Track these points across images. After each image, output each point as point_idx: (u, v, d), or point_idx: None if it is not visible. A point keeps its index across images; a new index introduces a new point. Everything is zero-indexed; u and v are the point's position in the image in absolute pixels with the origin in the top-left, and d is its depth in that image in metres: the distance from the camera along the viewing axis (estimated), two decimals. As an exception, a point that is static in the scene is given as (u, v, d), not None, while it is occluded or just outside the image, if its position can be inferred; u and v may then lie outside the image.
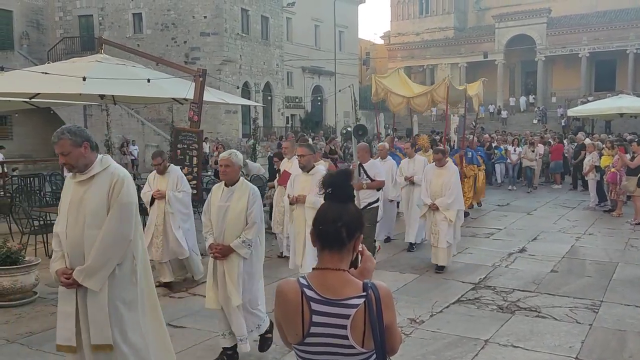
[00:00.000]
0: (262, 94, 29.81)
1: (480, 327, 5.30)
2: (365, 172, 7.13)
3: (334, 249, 1.82)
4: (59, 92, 8.13)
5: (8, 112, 20.63)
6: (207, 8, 26.64)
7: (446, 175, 7.26)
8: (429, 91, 10.96)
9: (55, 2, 28.67)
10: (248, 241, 4.42)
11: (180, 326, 5.37)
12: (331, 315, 1.77)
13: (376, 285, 1.82)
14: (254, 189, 4.52)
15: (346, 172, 1.91)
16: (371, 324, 1.76)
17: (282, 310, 1.86)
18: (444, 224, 7.17)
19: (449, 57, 45.81)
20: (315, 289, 1.80)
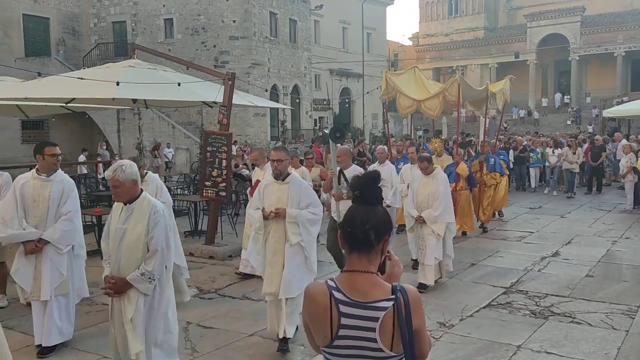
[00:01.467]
0: (290, 97, 29.95)
1: (513, 332, 5.20)
2: (346, 179, 6.33)
3: (362, 251, 1.81)
4: (94, 96, 8.31)
5: (45, 117, 21.23)
6: (236, 12, 26.93)
7: (433, 184, 6.53)
8: (440, 92, 9.96)
9: (90, 9, 29.42)
10: (148, 274, 3.60)
11: (210, 327, 5.43)
12: (360, 318, 1.75)
13: (405, 288, 1.80)
14: (156, 208, 3.67)
15: (374, 174, 1.90)
16: (400, 327, 1.74)
17: (310, 312, 1.85)
18: (431, 239, 6.46)
19: (479, 57, 45.20)
20: (343, 291, 1.78)
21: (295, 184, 4.84)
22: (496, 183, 10.76)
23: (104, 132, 24.98)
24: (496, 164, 10.80)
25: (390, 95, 10.50)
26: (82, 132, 25.27)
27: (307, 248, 4.79)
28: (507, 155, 12.83)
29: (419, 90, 10.54)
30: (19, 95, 8.06)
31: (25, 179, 4.89)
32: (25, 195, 4.79)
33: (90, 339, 5.16)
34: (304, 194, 4.82)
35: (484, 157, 10.63)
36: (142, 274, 3.58)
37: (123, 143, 23.99)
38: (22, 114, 10.51)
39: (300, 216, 4.74)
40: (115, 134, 24.39)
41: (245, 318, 5.66)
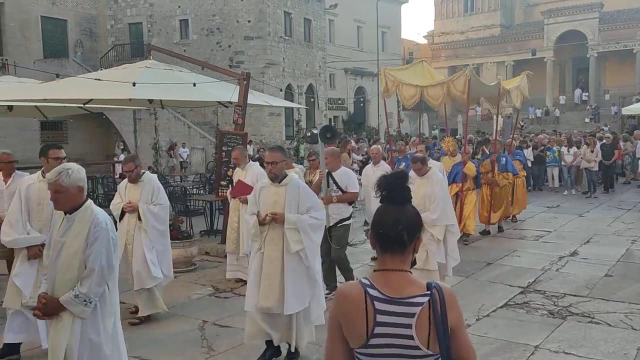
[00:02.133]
0: (305, 96, 29.98)
1: (530, 332, 5.15)
2: (335, 182, 6.07)
3: (396, 252, 1.81)
4: (111, 97, 8.42)
5: (64, 118, 21.53)
6: (251, 12, 27.03)
7: (428, 185, 6.08)
8: (446, 82, 9.33)
9: (107, 11, 29.75)
10: (83, 296, 3.10)
11: (226, 326, 5.45)
12: (396, 315, 1.74)
13: (440, 285, 1.80)
14: (97, 220, 3.18)
15: (402, 173, 1.88)
16: (436, 324, 1.73)
17: (344, 312, 1.80)
18: (431, 244, 5.99)
19: (495, 55, 44.79)
20: (378, 289, 1.77)
21: (293, 186, 4.46)
22: (508, 183, 10.27)
23: (121, 132, 25.25)
24: (508, 164, 10.28)
25: (391, 91, 9.97)
26: (99, 132, 25.58)
27: (309, 257, 4.41)
28: (523, 155, 12.25)
29: (423, 79, 9.93)
30: (38, 96, 8.18)
31: (31, 181, 4.78)
32: (31, 198, 4.68)
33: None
34: (303, 197, 4.44)
35: (496, 156, 10.15)
36: (76, 296, 3.09)
37: (139, 143, 24.23)
38: (40, 115, 10.68)
39: (301, 221, 4.36)
40: (132, 134, 24.64)
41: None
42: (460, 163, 9.06)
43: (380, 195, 1.84)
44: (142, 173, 5.71)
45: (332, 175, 6.06)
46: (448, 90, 9.18)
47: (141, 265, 5.45)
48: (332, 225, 6.01)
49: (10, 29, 25.72)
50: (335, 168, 6.17)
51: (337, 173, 6.14)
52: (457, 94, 9.13)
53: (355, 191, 6.21)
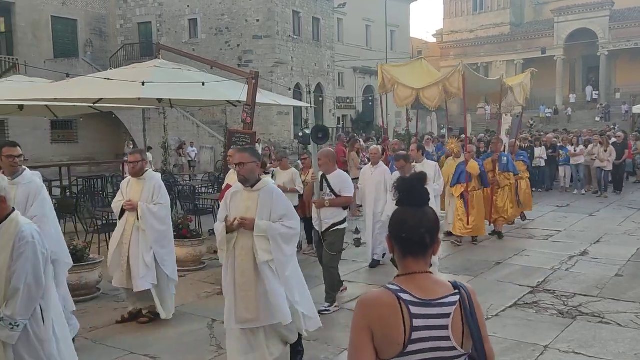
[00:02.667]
0: (314, 95, 29.97)
1: (539, 332, 5.12)
2: (329, 185, 5.81)
3: (418, 255, 1.78)
4: (120, 96, 8.47)
5: (74, 117, 21.71)
6: (260, 11, 27.07)
7: None
8: (441, 81, 8.93)
9: (117, 10, 29.92)
10: (8, 319, 2.79)
11: (235, 324, 5.46)
12: (432, 317, 1.70)
13: (462, 283, 1.80)
14: (23, 234, 2.86)
15: (420, 174, 1.85)
16: (468, 321, 1.73)
17: (376, 319, 1.70)
18: None
19: (505, 54, 44.55)
20: (410, 292, 1.72)
21: (267, 192, 4.09)
22: (510, 183, 9.92)
23: (130, 131, 25.39)
24: (509, 164, 9.90)
25: (387, 88, 9.68)
26: (109, 131, 25.74)
27: (278, 270, 4.02)
28: (527, 156, 11.75)
29: (419, 80, 9.56)
30: (49, 95, 8.25)
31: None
32: None
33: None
34: (276, 203, 4.06)
35: (497, 156, 9.76)
36: (1, 318, 2.79)
37: (149, 142, 24.33)
38: (51, 114, 10.78)
39: (271, 230, 3.99)
40: (141, 133, 24.76)
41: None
42: (463, 162, 8.84)
43: (398, 198, 1.80)
44: (146, 170, 5.54)
45: (326, 178, 5.82)
46: (444, 88, 8.86)
47: (135, 266, 5.27)
48: (324, 230, 5.78)
49: (21, 29, 25.93)
50: (329, 170, 5.88)
51: (332, 176, 5.85)
52: (454, 91, 8.81)
53: (349, 195, 5.90)
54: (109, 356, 4.76)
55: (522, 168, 10.78)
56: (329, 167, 5.89)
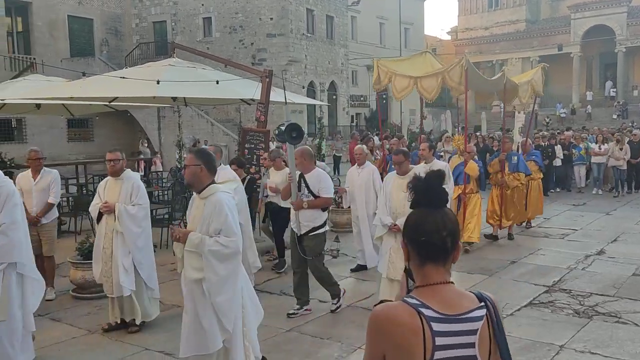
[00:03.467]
0: (327, 93, 29.98)
1: (555, 331, 5.07)
2: (307, 185, 5.50)
3: (439, 261, 1.62)
4: (136, 95, 8.54)
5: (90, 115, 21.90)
6: (274, 10, 27.11)
7: None
8: (441, 72, 8.39)
9: (132, 9, 30.15)
10: None
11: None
12: (457, 334, 1.54)
13: (486, 294, 1.66)
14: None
15: (438, 172, 1.71)
16: (496, 336, 1.59)
17: (394, 340, 1.53)
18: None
19: (520, 51, 44.11)
20: (432, 307, 1.55)
21: (211, 201, 3.64)
22: (520, 184, 9.34)
23: (145, 129, 25.59)
24: (520, 163, 9.28)
25: (382, 84, 9.15)
26: (124, 130, 25.95)
27: (211, 292, 3.57)
28: (539, 156, 11.02)
29: (418, 71, 8.96)
30: (65, 94, 8.34)
31: None
32: None
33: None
34: (215, 216, 3.61)
35: (505, 155, 9.14)
36: None
37: (163, 140, 24.51)
38: (68, 112, 10.90)
39: (203, 245, 3.56)
40: (156, 131, 24.95)
41: (283, 314, 5.70)
42: (462, 163, 8.31)
43: (414, 199, 1.67)
44: (124, 170, 5.34)
45: (304, 178, 5.53)
46: (444, 81, 8.34)
47: (115, 271, 5.11)
48: (303, 233, 5.48)
49: (38, 28, 26.25)
50: (307, 170, 5.57)
51: (310, 175, 5.54)
52: (454, 85, 8.25)
53: (328, 196, 5.58)
54: (125, 352, 4.81)
55: (534, 168, 10.18)
56: (305, 166, 5.57)
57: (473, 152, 8.64)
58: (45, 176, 6.37)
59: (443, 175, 1.70)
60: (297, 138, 5.39)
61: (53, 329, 5.26)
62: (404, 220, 4.95)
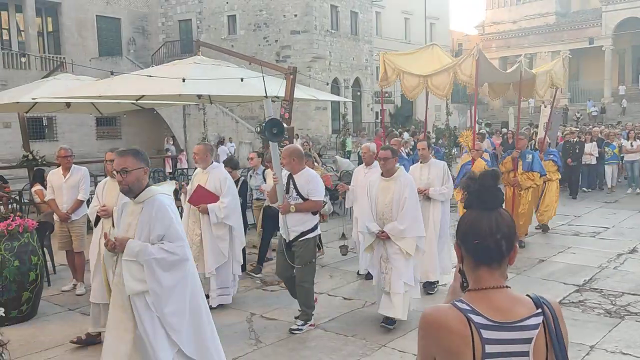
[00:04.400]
0: (352, 90, 29.86)
1: (586, 332, 4.96)
2: (295, 187, 5.08)
3: (493, 265, 1.56)
4: (162, 93, 8.62)
5: (117, 114, 22.28)
6: (298, 6, 27.12)
7: (396, 189, 5.07)
8: (451, 67, 7.79)
9: (158, 8, 30.54)
10: None
11: (273, 318, 5.51)
12: (509, 342, 1.48)
13: (546, 298, 1.58)
14: None
15: (493, 172, 1.64)
16: (553, 347, 1.51)
17: (442, 345, 1.50)
18: (398, 259, 5.02)
19: (550, 44, 43.21)
20: (482, 313, 1.49)
21: (149, 206, 3.32)
22: (534, 185, 8.61)
23: (171, 127, 25.91)
24: (534, 162, 8.53)
25: (390, 80, 8.55)
26: (150, 127, 26.32)
27: (156, 306, 3.25)
28: (558, 155, 10.14)
29: (427, 67, 8.35)
30: (94, 93, 8.47)
31: None
32: None
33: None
34: (156, 221, 3.30)
35: (519, 153, 8.37)
36: None
37: (189, 138, 24.79)
38: (96, 111, 11.08)
39: (145, 253, 3.23)
40: (182, 129, 25.24)
41: (307, 310, 5.69)
42: (469, 162, 7.87)
43: (467, 199, 1.61)
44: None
45: (293, 179, 5.10)
46: (455, 76, 7.74)
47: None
48: (291, 239, 5.07)
49: (67, 28, 26.79)
50: (296, 170, 5.12)
51: (299, 176, 5.10)
52: (465, 79, 7.68)
53: (318, 199, 5.12)
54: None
55: (552, 169, 9.44)
56: (294, 165, 5.11)
57: (481, 150, 8.13)
58: (75, 173, 6.49)
59: (498, 175, 1.63)
60: (279, 135, 5.03)
61: (84, 322, 5.36)
62: (393, 226, 4.57)
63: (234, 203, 5.82)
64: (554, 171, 9.59)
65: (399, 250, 5.02)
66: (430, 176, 6.29)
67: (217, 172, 5.87)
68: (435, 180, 6.25)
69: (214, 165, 5.94)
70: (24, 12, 25.06)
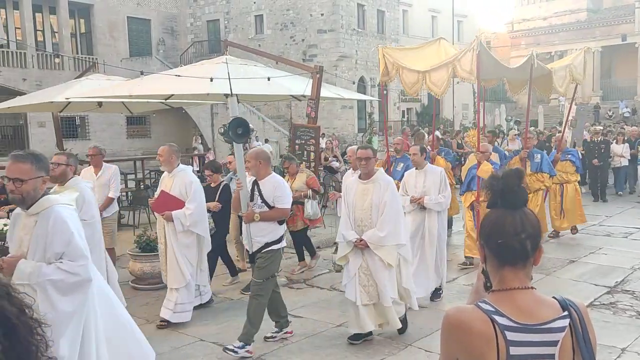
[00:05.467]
0: (378, 89, 29.74)
1: (617, 334, 4.86)
2: (260, 194, 4.66)
3: (518, 265, 1.53)
4: (190, 92, 8.76)
5: (147, 113, 22.68)
6: (324, 5, 27.15)
7: (375, 193, 4.63)
8: (450, 61, 7.12)
9: (187, 9, 30.95)
10: None
11: (299, 316, 5.55)
12: (534, 345, 1.46)
13: (572, 300, 1.55)
14: None
15: (517, 171, 1.61)
16: (581, 349, 1.49)
17: (466, 347, 1.48)
18: (380, 271, 4.60)
19: (581, 41, 42.12)
20: (506, 315, 1.47)
21: (47, 218, 2.86)
22: (544, 187, 8.25)
23: (199, 126, 26.24)
24: (543, 163, 8.16)
25: (390, 76, 8.00)
26: (179, 126, 26.71)
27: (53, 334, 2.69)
28: (577, 155, 9.40)
29: (427, 62, 7.72)
30: (124, 93, 8.65)
31: None
32: None
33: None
34: (54, 236, 2.85)
35: (527, 152, 7.96)
36: None
37: (216, 137, 25.04)
38: (127, 110, 11.33)
39: (38, 275, 2.79)
40: (209, 128, 25.53)
41: (333, 308, 5.72)
42: (475, 166, 7.23)
43: (491, 199, 1.57)
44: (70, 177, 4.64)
45: (258, 185, 4.70)
46: (454, 72, 7.09)
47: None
48: (255, 250, 4.68)
49: (99, 29, 27.38)
50: (261, 175, 4.72)
51: (264, 182, 4.70)
52: (465, 75, 6.99)
53: (285, 207, 4.70)
54: (181, 342, 4.97)
55: (569, 169, 8.91)
56: (259, 170, 4.70)
57: (488, 152, 7.32)
58: (106, 171, 6.64)
59: (523, 174, 1.60)
60: (244, 135, 4.64)
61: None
62: (372, 233, 4.28)
63: (200, 209, 5.37)
64: (572, 172, 8.97)
65: (379, 260, 4.58)
66: (426, 184, 5.82)
67: (183, 176, 5.42)
68: (431, 188, 5.78)
69: (180, 168, 5.52)
70: (58, 13, 25.71)
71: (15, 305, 1.10)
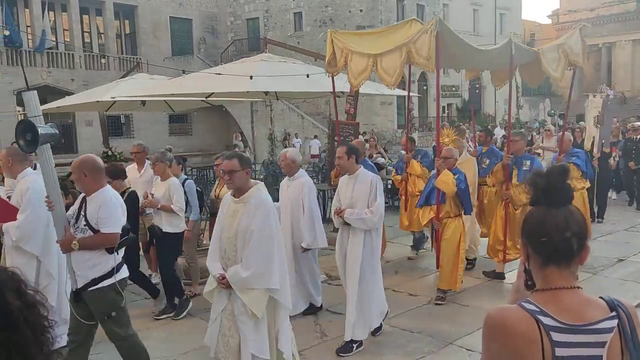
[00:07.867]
0: (418, 84, 29.42)
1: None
2: (85, 214, 3.62)
3: (562, 263, 1.49)
4: (230, 90, 8.88)
5: (188, 111, 23.15)
6: (363, 1, 27.03)
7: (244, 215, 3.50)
8: (405, 44, 5.65)
9: (227, 8, 31.39)
10: None
11: (338, 312, 5.55)
12: (580, 346, 1.42)
13: (621, 301, 1.50)
14: None
15: (562, 167, 1.57)
16: (630, 351, 1.43)
17: (510, 348, 1.44)
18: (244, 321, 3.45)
19: (630, 32, 40.64)
20: (552, 315, 1.43)
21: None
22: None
23: (239, 123, 26.60)
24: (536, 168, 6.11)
25: (339, 65, 6.50)
26: (219, 124, 27.14)
27: None
28: (584, 157, 7.56)
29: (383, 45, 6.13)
30: (167, 91, 8.85)
31: None
32: None
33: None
34: None
35: (511, 159, 6.19)
36: None
37: (256, 134, 25.34)
38: (169, 108, 11.59)
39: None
40: (249, 125, 25.86)
41: (372, 305, 5.69)
42: (433, 175, 5.85)
43: (534, 196, 1.54)
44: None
45: (85, 202, 3.66)
46: (408, 56, 5.65)
47: None
48: (80, 287, 3.59)
49: (143, 30, 28.09)
50: (90, 190, 3.65)
51: (92, 198, 3.64)
52: (422, 62, 5.57)
53: (110, 232, 3.58)
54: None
55: (574, 175, 6.86)
56: (85, 184, 3.65)
57: (452, 158, 5.76)
58: (149, 169, 6.79)
59: (567, 171, 1.55)
60: (33, 143, 3.37)
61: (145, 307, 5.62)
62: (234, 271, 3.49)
63: (32, 221, 4.34)
64: (577, 177, 6.99)
65: (243, 306, 3.44)
66: (354, 194, 4.68)
67: (21, 183, 4.48)
68: (359, 200, 4.62)
69: (25, 173, 4.53)
70: (104, 15, 26.52)
71: (21, 299, 1.10)
